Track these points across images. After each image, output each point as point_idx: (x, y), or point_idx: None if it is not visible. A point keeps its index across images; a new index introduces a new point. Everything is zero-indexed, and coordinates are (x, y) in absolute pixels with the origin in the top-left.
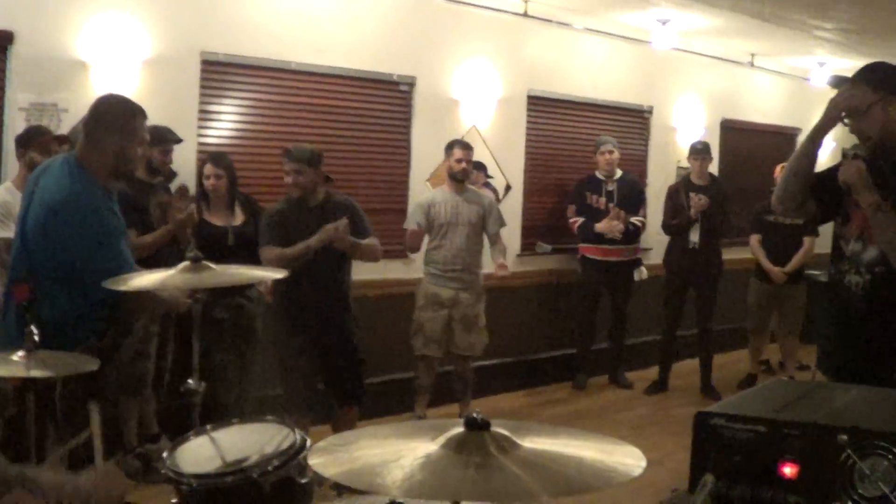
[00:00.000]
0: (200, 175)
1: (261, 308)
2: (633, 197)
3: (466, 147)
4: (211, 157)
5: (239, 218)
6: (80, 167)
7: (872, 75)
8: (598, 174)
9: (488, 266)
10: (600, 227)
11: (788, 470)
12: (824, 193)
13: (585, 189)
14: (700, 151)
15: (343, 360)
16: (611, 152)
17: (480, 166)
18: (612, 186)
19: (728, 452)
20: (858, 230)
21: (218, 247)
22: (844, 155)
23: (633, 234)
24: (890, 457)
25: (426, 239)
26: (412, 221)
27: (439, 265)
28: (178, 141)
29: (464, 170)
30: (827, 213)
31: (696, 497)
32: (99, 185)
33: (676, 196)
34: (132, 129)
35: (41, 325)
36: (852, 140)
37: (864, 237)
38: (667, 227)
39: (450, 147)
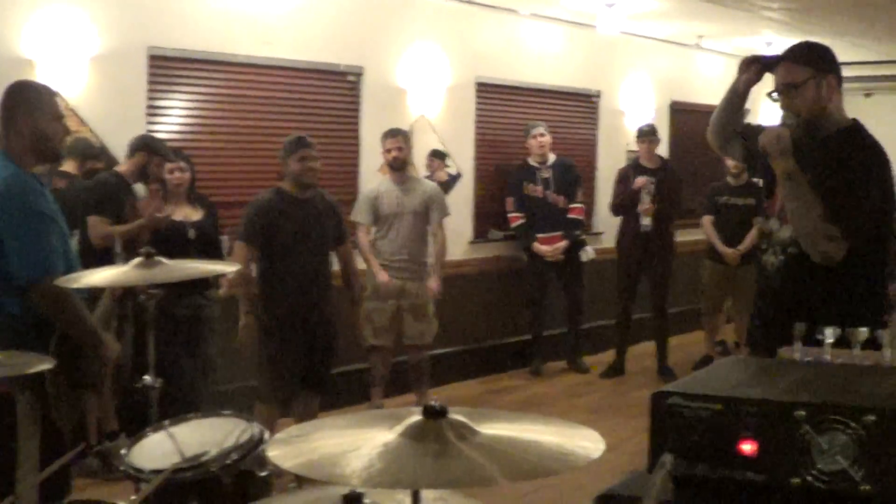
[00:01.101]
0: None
1: (219, 307)
2: (569, 181)
3: (394, 135)
4: (177, 152)
5: (197, 214)
6: (6, 158)
7: (805, 53)
8: (531, 160)
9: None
10: (539, 248)
11: (747, 447)
12: (752, 142)
13: (522, 179)
14: (646, 134)
15: (321, 349)
16: (542, 135)
17: (439, 154)
18: (546, 173)
19: (686, 431)
20: (779, 209)
21: (178, 242)
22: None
23: (572, 224)
24: (848, 431)
25: (372, 230)
26: (360, 215)
27: (386, 255)
28: (172, 160)
29: (395, 158)
30: (752, 160)
31: (654, 477)
32: (27, 172)
33: (626, 180)
34: (41, 105)
35: (10, 322)
36: None
37: (781, 216)
38: (615, 207)
39: (383, 138)
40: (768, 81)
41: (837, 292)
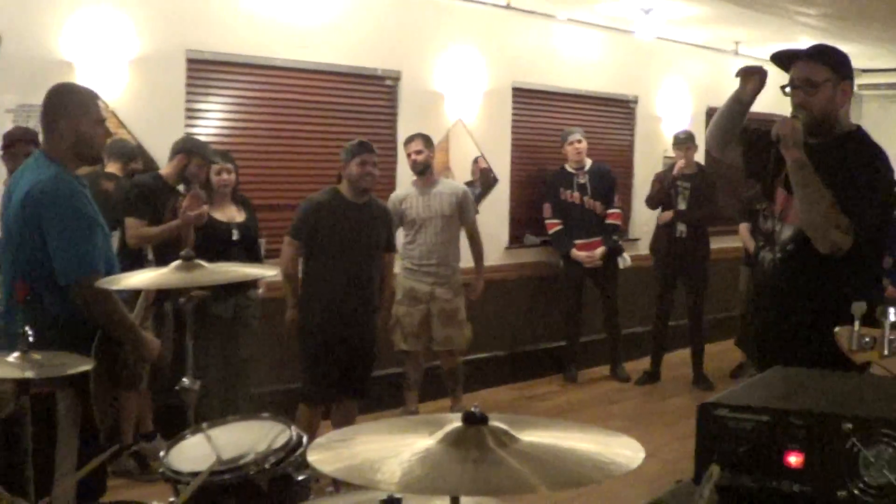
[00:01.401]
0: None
1: (259, 308)
2: (605, 187)
3: (413, 139)
4: (220, 154)
5: (241, 215)
6: (48, 159)
7: (827, 55)
8: (568, 167)
9: (467, 260)
10: (577, 255)
11: (794, 459)
12: (751, 145)
13: (559, 185)
14: (683, 141)
15: (361, 353)
16: (579, 142)
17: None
18: (583, 179)
19: (733, 443)
20: (780, 209)
21: (222, 242)
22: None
23: (610, 229)
24: (895, 444)
25: (401, 234)
26: None
27: (414, 260)
28: (214, 161)
29: (415, 161)
30: (750, 165)
31: (701, 488)
32: (69, 173)
33: (663, 179)
34: (82, 108)
35: (55, 321)
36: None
37: (782, 216)
38: (649, 199)
39: (406, 143)
40: (778, 78)
41: (835, 288)
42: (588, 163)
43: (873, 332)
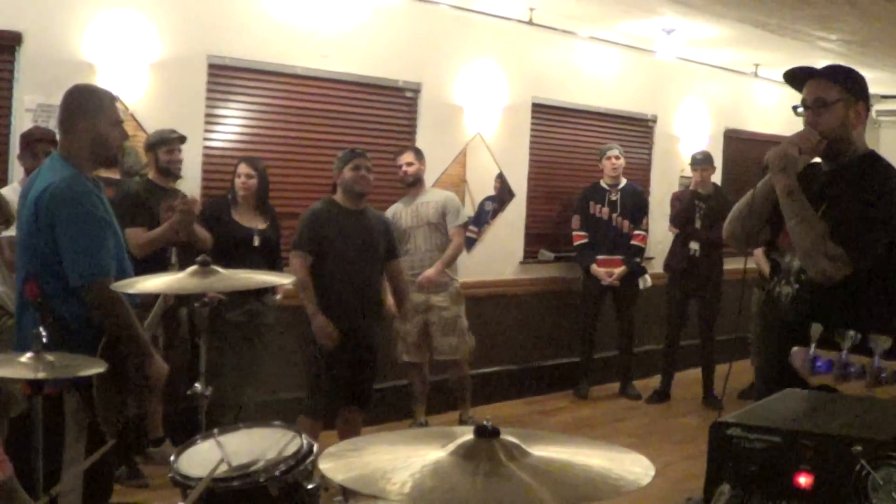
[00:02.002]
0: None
1: (275, 314)
2: (635, 207)
3: (404, 153)
4: (246, 158)
5: (263, 222)
6: (64, 160)
7: (841, 75)
8: (603, 183)
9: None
10: (597, 270)
11: (804, 480)
12: (776, 215)
13: (589, 198)
14: (700, 162)
15: (365, 363)
16: (617, 158)
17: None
18: (615, 196)
19: (744, 462)
20: (789, 241)
21: (244, 248)
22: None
23: (634, 250)
24: None
25: None
26: None
27: (408, 270)
28: (182, 139)
29: (406, 173)
30: (777, 234)
31: None
32: (84, 175)
33: (682, 198)
34: (101, 110)
35: (64, 323)
36: None
37: (791, 245)
38: (674, 218)
39: (398, 155)
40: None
41: (854, 318)
42: (623, 181)
43: (829, 354)
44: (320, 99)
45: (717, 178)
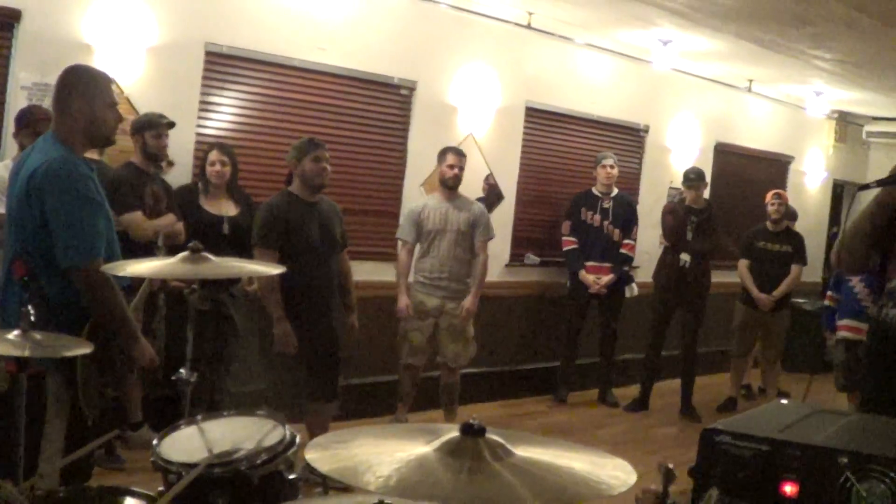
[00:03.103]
0: (203, 161)
1: (243, 304)
2: (626, 217)
3: (459, 154)
4: (217, 144)
5: (234, 209)
6: (57, 140)
7: None
8: (595, 190)
9: None
10: (585, 277)
11: (789, 489)
12: (888, 240)
13: (581, 204)
14: (693, 181)
15: (330, 356)
16: (612, 167)
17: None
18: (607, 204)
19: (732, 469)
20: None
21: (213, 235)
22: None
23: (623, 259)
24: (887, 480)
25: (417, 247)
26: (402, 232)
27: (426, 273)
28: (170, 125)
29: (455, 176)
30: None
31: None
32: (77, 155)
33: (675, 212)
34: (97, 91)
35: (48, 303)
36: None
37: None
38: (671, 233)
39: (443, 154)
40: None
41: None
42: (615, 190)
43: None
44: (316, 92)
45: (706, 191)
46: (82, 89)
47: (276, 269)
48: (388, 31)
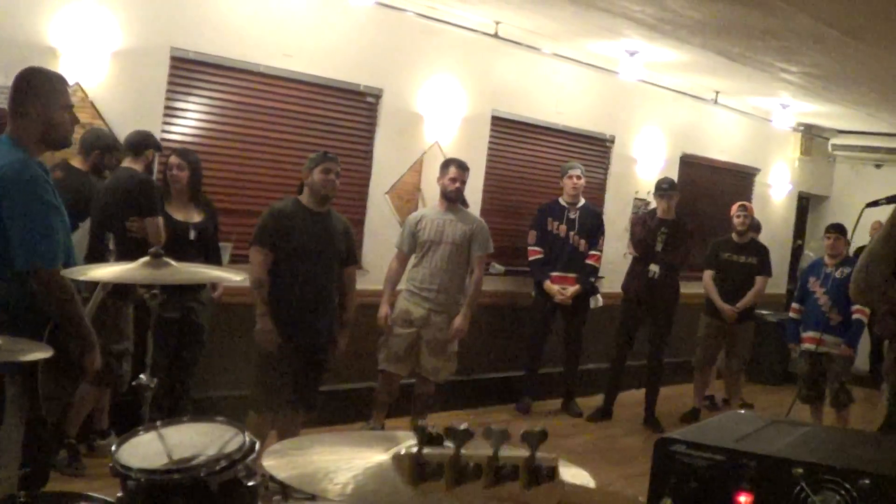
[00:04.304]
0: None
1: (209, 311)
2: (593, 227)
3: (462, 167)
4: (177, 150)
5: (198, 215)
6: (13, 143)
7: None
8: (562, 200)
9: None
10: (549, 287)
11: (744, 499)
12: None
13: (548, 215)
14: (666, 190)
15: (314, 365)
16: (578, 178)
17: None
18: (574, 214)
19: (686, 478)
20: None
21: (179, 241)
22: None
23: (589, 270)
24: (842, 492)
25: (413, 258)
26: (398, 240)
27: (416, 282)
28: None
29: (457, 189)
30: None
31: None
32: (33, 158)
33: (643, 222)
34: (52, 92)
35: (7, 307)
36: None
37: None
38: (639, 243)
39: (446, 165)
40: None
41: None
42: (582, 200)
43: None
44: (281, 98)
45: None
46: (39, 92)
47: (237, 276)
48: (354, 39)
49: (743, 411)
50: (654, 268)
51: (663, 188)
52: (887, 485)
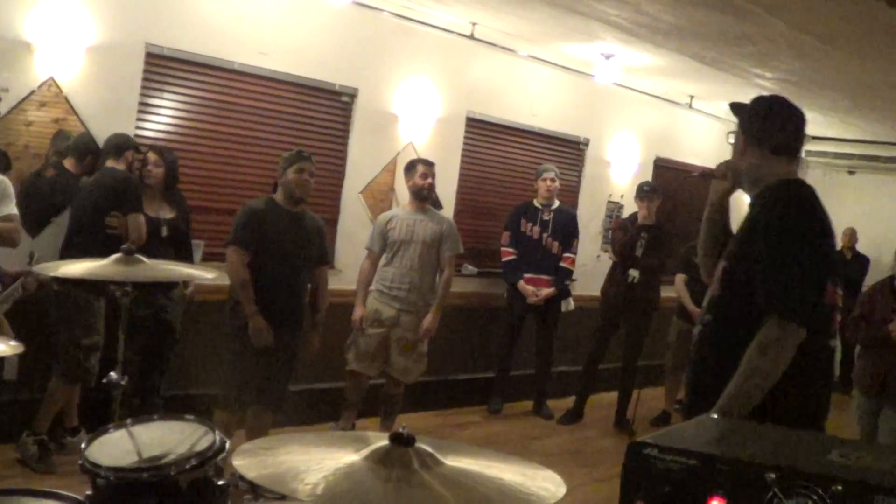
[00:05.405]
0: (141, 163)
1: (181, 309)
2: (567, 230)
3: (429, 164)
4: (154, 147)
5: (171, 212)
6: None
7: (737, 108)
8: (536, 202)
9: None
10: (524, 288)
11: None
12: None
13: (521, 216)
14: (647, 193)
15: (282, 364)
16: (552, 180)
17: None
18: (547, 216)
19: (658, 483)
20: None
21: (151, 238)
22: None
23: (563, 272)
24: (814, 497)
25: (383, 257)
26: (369, 240)
27: (387, 282)
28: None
29: (430, 185)
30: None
31: None
32: None
33: (625, 228)
34: None
35: None
36: None
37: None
38: (622, 248)
39: (412, 165)
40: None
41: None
42: (556, 202)
43: None
44: (256, 96)
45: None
46: None
47: (208, 274)
48: (330, 38)
49: (716, 415)
50: (633, 273)
51: (644, 190)
52: (859, 490)
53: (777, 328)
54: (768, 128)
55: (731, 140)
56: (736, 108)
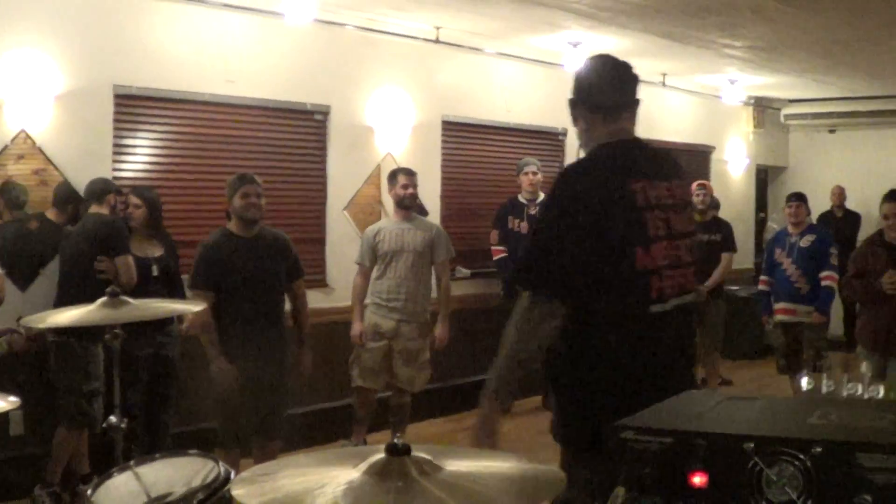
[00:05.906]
0: (123, 206)
1: (178, 344)
2: None
3: (410, 173)
4: (134, 188)
5: (159, 250)
6: None
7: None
8: (521, 198)
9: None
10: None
11: (698, 479)
12: None
13: (508, 213)
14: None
15: (275, 391)
16: (534, 173)
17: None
18: (534, 210)
19: (637, 464)
20: None
21: (143, 278)
22: None
23: None
24: (796, 462)
25: (375, 269)
26: (359, 255)
27: (382, 295)
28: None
29: (412, 195)
30: None
31: None
32: None
33: None
34: None
35: None
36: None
37: None
38: None
39: (393, 176)
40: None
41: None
42: (541, 196)
43: None
44: (229, 124)
45: None
46: None
47: (195, 307)
48: (296, 58)
49: (702, 391)
50: None
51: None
52: (839, 449)
53: (524, 300)
54: (586, 88)
55: None
56: None
